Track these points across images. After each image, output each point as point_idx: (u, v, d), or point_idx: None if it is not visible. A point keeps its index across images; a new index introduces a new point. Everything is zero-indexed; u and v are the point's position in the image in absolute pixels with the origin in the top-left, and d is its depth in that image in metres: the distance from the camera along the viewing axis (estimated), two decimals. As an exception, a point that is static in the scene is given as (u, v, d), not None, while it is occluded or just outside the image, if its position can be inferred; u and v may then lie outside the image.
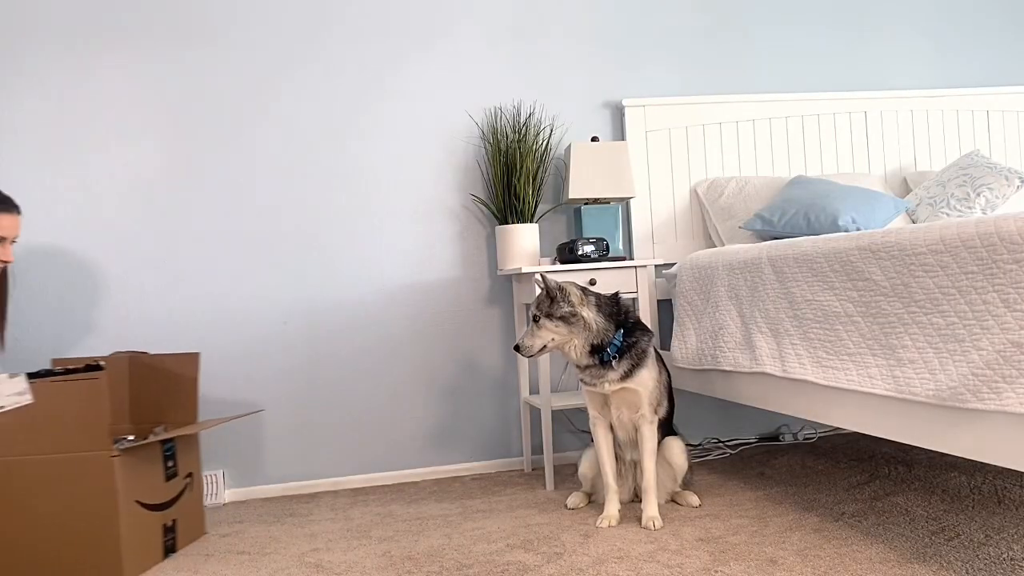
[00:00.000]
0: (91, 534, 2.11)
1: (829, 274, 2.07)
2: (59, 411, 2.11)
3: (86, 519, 2.11)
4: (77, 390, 2.11)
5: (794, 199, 3.04)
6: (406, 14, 3.22)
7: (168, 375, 2.54)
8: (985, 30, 3.73)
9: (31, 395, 2.11)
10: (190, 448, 2.50)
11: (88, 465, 2.11)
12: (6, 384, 2.11)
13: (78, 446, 2.11)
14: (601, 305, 2.37)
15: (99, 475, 2.11)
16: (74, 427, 2.11)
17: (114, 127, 2.99)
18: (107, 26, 3.00)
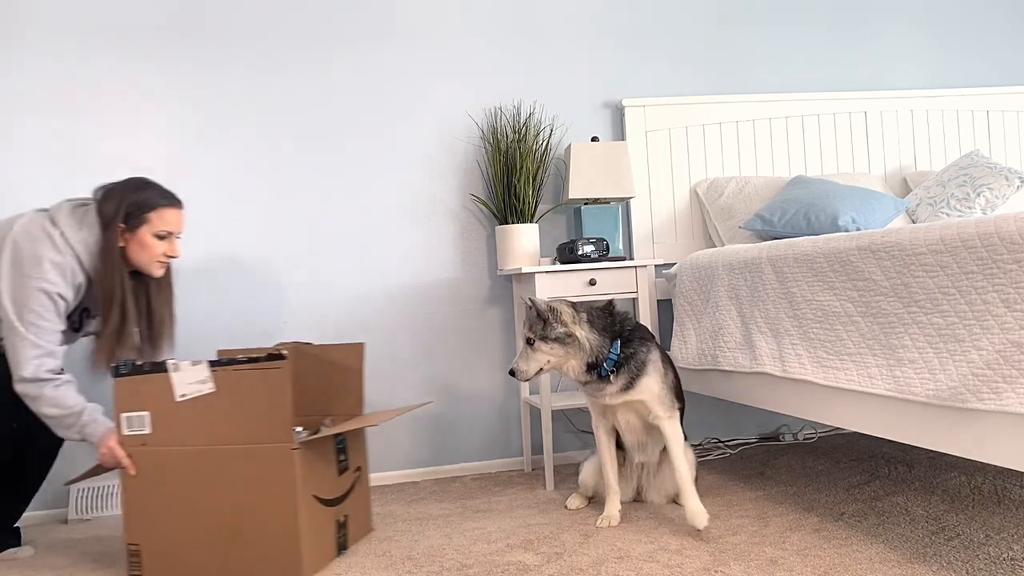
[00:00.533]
0: (270, 528, 2.04)
1: (829, 274, 2.07)
2: (241, 401, 2.06)
3: (266, 513, 2.05)
4: (261, 379, 2.05)
5: (794, 199, 3.04)
6: (406, 14, 3.22)
7: (333, 366, 2.47)
8: (985, 30, 3.73)
9: (213, 383, 2.07)
10: (358, 441, 2.40)
11: (269, 457, 2.04)
12: (188, 372, 2.08)
13: (259, 437, 2.05)
14: (594, 320, 2.28)
15: (280, 468, 2.04)
16: (256, 417, 2.05)
17: (110, 124, 2.99)
18: (106, 23, 3.00)
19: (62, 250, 2.18)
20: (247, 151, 3.08)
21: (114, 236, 2.22)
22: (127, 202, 2.24)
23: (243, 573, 2.07)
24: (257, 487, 2.06)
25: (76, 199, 2.32)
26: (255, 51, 3.10)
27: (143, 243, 2.26)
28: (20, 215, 2.25)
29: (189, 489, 2.10)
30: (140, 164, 3.00)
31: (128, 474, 2.12)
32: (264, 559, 2.06)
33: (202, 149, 3.05)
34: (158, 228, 2.26)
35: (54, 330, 2.17)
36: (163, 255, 2.29)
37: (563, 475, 3.04)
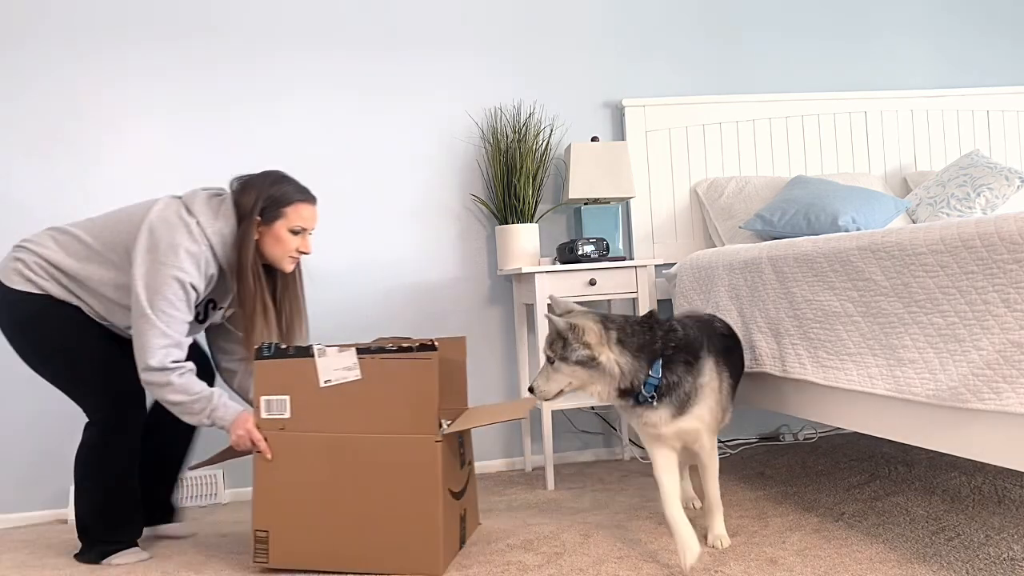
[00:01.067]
0: (409, 520, 2.01)
1: (829, 274, 2.07)
2: (387, 390, 2.03)
3: (405, 504, 2.02)
4: (410, 369, 2.02)
5: (794, 199, 3.04)
6: (407, 15, 3.22)
7: (441, 360, 2.47)
8: (985, 30, 3.73)
9: (360, 371, 2.05)
10: (467, 436, 2.34)
11: (413, 448, 2.02)
12: (334, 358, 2.06)
13: (403, 427, 2.03)
14: (627, 339, 1.91)
15: (423, 459, 2.01)
16: (401, 407, 2.03)
17: (108, 119, 2.99)
18: (108, 21, 3.00)
19: (198, 239, 2.15)
20: (245, 151, 3.08)
21: (250, 228, 2.20)
22: (264, 195, 2.22)
23: (377, 563, 2.04)
24: (398, 478, 2.03)
25: (210, 188, 2.30)
26: (255, 52, 3.10)
27: (278, 237, 2.23)
28: (155, 200, 2.23)
29: (326, 476, 2.06)
30: (136, 169, 3.00)
31: (262, 459, 2.09)
32: (401, 551, 2.03)
33: (200, 149, 3.05)
34: (293, 223, 2.24)
35: (183, 320, 2.14)
36: (295, 250, 2.27)
37: (563, 475, 3.04)
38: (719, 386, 2.05)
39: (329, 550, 2.07)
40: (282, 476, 2.09)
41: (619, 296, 2.93)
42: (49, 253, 2.21)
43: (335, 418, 2.06)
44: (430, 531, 2.02)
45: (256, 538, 2.10)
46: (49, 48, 2.96)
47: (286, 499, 2.08)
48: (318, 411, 2.07)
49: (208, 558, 2.28)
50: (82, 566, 2.29)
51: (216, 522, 2.70)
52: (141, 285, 2.10)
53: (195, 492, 2.94)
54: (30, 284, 2.20)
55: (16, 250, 2.26)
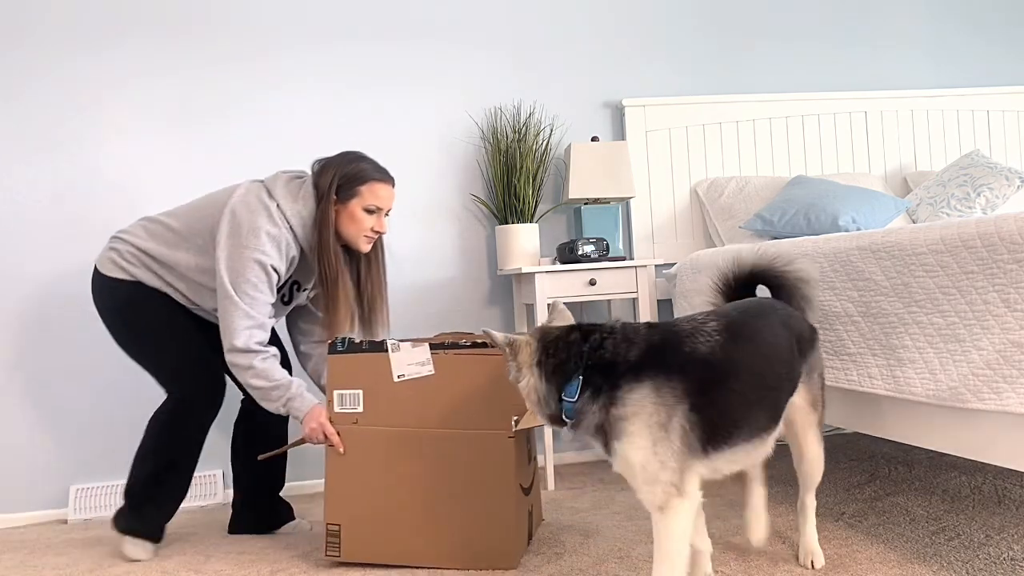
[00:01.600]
0: (483, 515, 2.02)
1: (829, 274, 2.07)
2: (460, 385, 2.03)
3: (479, 499, 2.02)
4: (482, 364, 2.03)
5: (794, 199, 3.04)
6: (407, 14, 3.22)
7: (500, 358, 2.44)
8: (985, 30, 3.73)
9: (432, 366, 2.06)
10: (532, 432, 2.31)
11: (486, 443, 2.02)
12: (408, 353, 2.07)
13: (476, 423, 2.03)
14: (545, 360, 1.60)
15: (497, 455, 2.01)
16: (475, 403, 2.03)
17: (105, 119, 2.99)
18: (107, 19, 3.00)
19: (278, 222, 2.19)
20: (243, 150, 3.08)
21: (328, 208, 2.22)
22: (340, 174, 2.24)
23: (449, 558, 2.04)
24: (472, 473, 2.03)
25: (291, 171, 2.33)
26: (255, 50, 3.09)
27: (353, 216, 2.24)
28: (237, 185, 2.28)
29: (398, 471, 2.07)
30: (134, 168, 3.00)
31: (334, 453, 2.10)
32: (473, 546, 2.03)
33: (198, 149, 3.05)
34: (368, 202, 2.25)
35: (266, 302, 2.18)
36: (371, 230, 2.27)
37: (563, 475, 3.04)
38: (666, 421, 1.50)
39: (401, 545, 2.07)
40: (355, 470, 2.09)
41: (619, 296, 2.93)
42: (140, 241, 2.29)
43: (408, 413, 2.07)
44: (504, 526, 2.02)
45: (328, 531, 2.11)
46: (50, 45, 2.96)
47: (358, 493, 2.09)
48: (391, 405, 2.08)
49: (208, 558, 2.28)
50: (81, 565, 2.28)
51: (216, 522, 2.70)
52: (225, 268, 2.15)
53: (195, 492, 2.94)
54: (122, 271, 2.29)
55: (112, 241, 2.35)
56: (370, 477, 2.08)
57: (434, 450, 2.05)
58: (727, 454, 1.57)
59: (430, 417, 2.06)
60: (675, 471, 1.52)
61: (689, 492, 1.54)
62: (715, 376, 1.55)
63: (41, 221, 2.94)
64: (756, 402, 1.59)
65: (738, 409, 1.57)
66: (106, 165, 2.98)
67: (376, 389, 2.09)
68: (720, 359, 1.56)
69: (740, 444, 1.58)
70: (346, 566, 2.12)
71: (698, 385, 1.53)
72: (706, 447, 1.54)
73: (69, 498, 2.88)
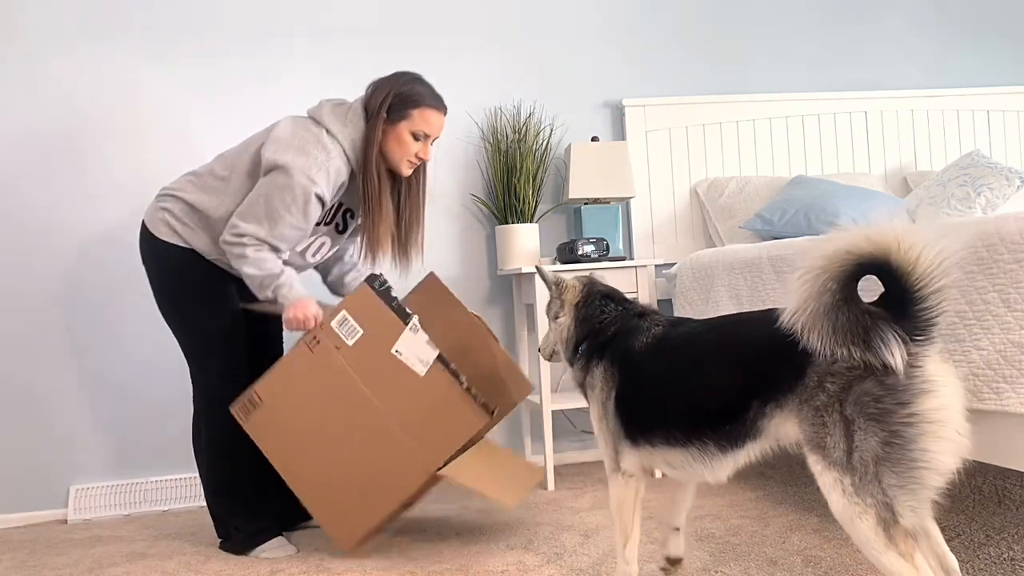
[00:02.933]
0: (369, 496, 2.16)
1: (829, 274, 2.07)
2: (430, 405, 2.11)
3: (377, 484, 2.15)
4: (457, 411, 2.11)
5: (794, 199, 3.04)
6: (407, 14, 3.22)
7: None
8: (985, 30, 3.73)
9: (425, 370, 2.11)
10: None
11: (410, 460, 2.12)
12: (419, 343, 2.12)
13: (415, 440, 2.11)
14: (587, 306, 1.83)
15: (409, 472, 2.12)
16: (427, 427, 2.10)
17: (108, 122, 2.99)
18: (106, 20, 3.00)
19: (329, 147, 2.15)
20: (247, 151, 3.08)
21: (376, 127, 2.18)
22: (394, 92, 2.21)
23: (318, 505, 2.19)
24: (377, 468, 2.12)
25: (334, 99, 2.30)
26: (255, 49, 3.09)
27: (399, 138, 2.20)
28: (277, 121, 2.25)
29: (331, 413, 2.14)
30: (138, 170, 3.00)
31: (295, 360, 2.15)
32: (343, 507, 2.16)
33: (198, 145, 3.05)
34: (417, 126, 2.20)
35: (292, 224, 2.14)
36: (415, 155, 2.23)
37: (563, 475, 3.04)
38: (605, 401, 1.72)
39: (295, 465, 2.17)
40: (300, 386, 2.14)
41: (619, 296, 2.93)
42: (190, 196, 2.24)
43: (377, 378, 2.11)
44: (370, 516, 2.15)
45: (248, 399, 2.17)
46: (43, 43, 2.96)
47: (292, 400, 2.15)
48: (370, 364, 2.12)
49: (208, 558, 2.29)
50: (81, 565, 2.28)
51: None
52: (261, 191, 2.13)
53: (195, 492, 2.94)
54: (176, 236, 2.25)
55: (160, 199, 2.29)
56: (309, 396, 2.14)
57: (367, 422, 2.12)
58: (656, 452, 1.64)
59: (387, 398, 2.11)
60: (611, 447, 1.72)
61: (625, 469, 1.71)
62: (637, 374, 1.67)
63: (39, 220, 2.94)
64: (680, 412, 1.59)
65: (652, 411, 1.64)
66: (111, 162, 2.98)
67: (372, 342, 2.12)
68: (645, 360, 1.66)
69: (664, 447, 1.61)
70: (346, 565, 2.13)
71: (625, 379, 1.68)
72: (634, 437, 1.67)
73: (69, 498, 2.88)
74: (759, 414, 1.46)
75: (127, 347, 2.96)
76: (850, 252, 1.27)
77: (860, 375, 1.30)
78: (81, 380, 2.94)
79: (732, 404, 1.49)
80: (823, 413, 1.36)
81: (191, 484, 2.95)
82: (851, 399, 1.31)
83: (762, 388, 1.45)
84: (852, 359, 1.30)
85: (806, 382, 1.38)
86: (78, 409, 2.94)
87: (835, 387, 1.34)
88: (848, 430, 1.33)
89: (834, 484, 1.35)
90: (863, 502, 1.30)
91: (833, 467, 1.35)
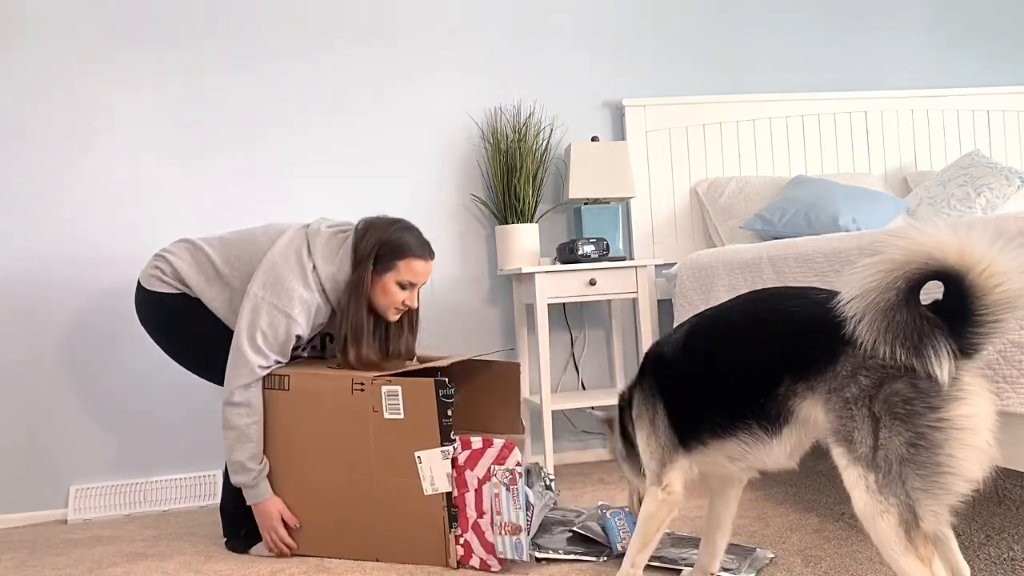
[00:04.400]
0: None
1: (829, 274, 2.07)
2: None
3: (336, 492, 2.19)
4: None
5: (794, 199, 3.04)
6: (406, 15, 3.22)
7: (495, 381, 2.49)
8: (985, 30, 3.73)
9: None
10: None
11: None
12: (439, 462, 2.07)
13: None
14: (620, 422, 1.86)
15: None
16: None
17: (108, 128, 2.99)
18: (106, 23, 3.00)
19: (312, 286, 2.20)
20: (244, 151, 3.08)
21: (365, 276, 2.21)
22: (382, 242, 2.23)
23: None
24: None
25: (335, 224, 2.34)
26: (256, 50, 3.09)
27: (385, 288, 2.24)
28: (283, 231, 2.30)
29: (337, 443, 2.16)
30: (135, 173, 3.00)
31: (346, 381, 2.15)
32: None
33: (196, 147, 3.05)
34: (403, 277, 2.24)
35: (275, 360, 2.20)
36: (401, 303, 2.27)
37: (563, 475, 3.04)
38: (651, 418, 1.69)
39: (282, 456, 2.23)
40: (324, 401, 2.17)
41: (619, 296, 2.93)
42: (183, 266, 2.31)
43: (389, 456, 2.11)
44: (318, 544, 2.21)
45: (281, 377, 2.20)
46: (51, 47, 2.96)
47: (307, 409, 2.19)
48: (393, 442, 2.10)
49: (208, 558, 2.28)
50: (81, 565, 2.28)
51: (216, 522, 2.70)
52: (248, 314, 2.17)
53: (195, 492, 2.94)
54: (166, 286, 2.31)
55: (156, 259, 2.37)
56: (325, 414, 2.16)
57: (359, 476, 2.14)
58: (710, 449, 1.61)
59: (388, 476, 2.11)
60: (658, 460, 1.68)
61: (667, 483, 1.67)
62: (673, 374, 1.64)
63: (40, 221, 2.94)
64: (718, 394, 1.56)
65: (694, 405, 1.60)
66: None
67: (404, 431, 2.09)
68: (677, 357, 1.65)
69: (714, 440, 1.58)
70: (346, 565, 2.12)
71: (664, 387, 1.66)
72: (686, 441, 1.63)
73: (69, 498, 2.88)
74: (791, 392, 1.43)
75: (128, 347, 2.96)
76: (933, 258, 1.23)
77: (894, 373, 1.29)
78: (81, 380, 2.94)
79: (764, 377, 1.46)
80: (852, 406, 1.34)
81: (191, 484, 2.95)
82: (881, 396, 1.30)
83: (793, 362, 1.43)
84: (894, 359, 1.28)
85: (838, 370, 1.36)
86: (78, 409, 2.94)
87: (868, 381, 1.32)
88: (875, 427, 1.31)
89: (858, 480, 1.33)
90: (886, 501, 1.29)
91: (858, 462, 1.33)
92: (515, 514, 1.99)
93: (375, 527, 2.13)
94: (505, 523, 1.99)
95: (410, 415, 2.08)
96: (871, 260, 1.29)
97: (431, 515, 2.07)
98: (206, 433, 2.99)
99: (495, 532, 2.00)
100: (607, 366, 3.34)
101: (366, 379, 2.12)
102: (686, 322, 1.68)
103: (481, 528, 2.03)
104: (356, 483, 2.14)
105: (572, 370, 3.31)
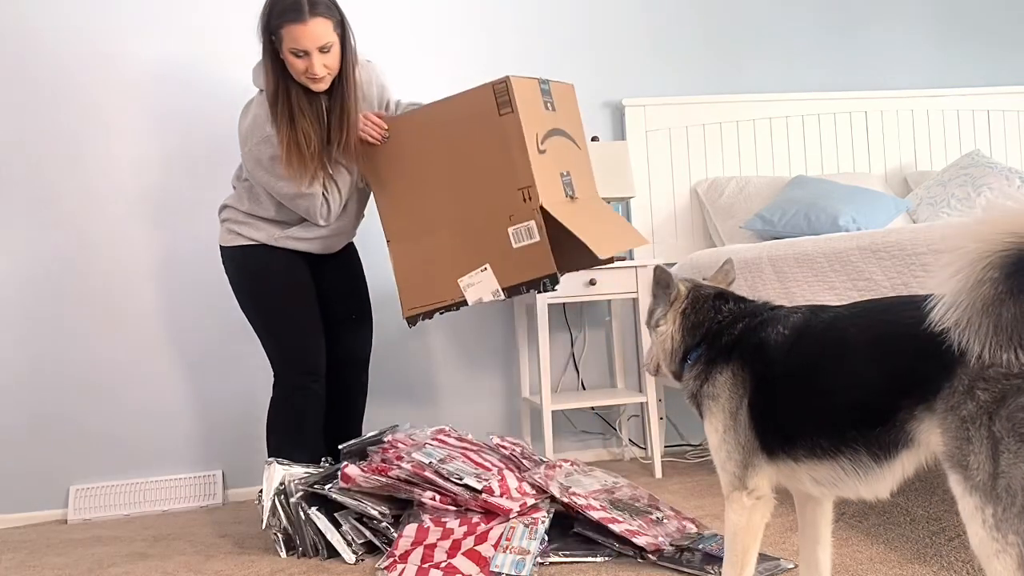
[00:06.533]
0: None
1: (829, 274, 2.07)
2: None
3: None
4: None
5: (794, 199, 3.04)
6: (406, 15, 3.22)
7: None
8: (985, 30, 3.73)
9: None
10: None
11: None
12: (487, 282, 2.22)
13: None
14: (693, 310, 1.57)
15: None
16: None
17: (105, 130, 2.99)
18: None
19: (262, 107, 2.25)
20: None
21: (266, 60, 2.22)
22: (262, 26, 2.21)
23: None
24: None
25: None
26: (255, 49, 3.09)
27: (289, 62, 2.19)
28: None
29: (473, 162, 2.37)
30: (141, 175, 3.00)
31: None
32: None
33: (204, 147, 3.05)
34: (290, 46, 2.16)
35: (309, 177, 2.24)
36: (304, 72, 2.19)
37: (563, 475, 3.04)
38: (735, 411, 1.45)
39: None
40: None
41: (619, 296, 2.93)
42: (237, 202, 2.38)
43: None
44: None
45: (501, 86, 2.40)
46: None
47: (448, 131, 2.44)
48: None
49: (208, 558, 2.28)
50: (81, 565, 2.28)
51: (216, 522, 2.70)
52: (263, 180, 2.26)
53: (195, 492, 2.94)
54: (241, 237, 2.36)
55: (221, 212, 2.43)
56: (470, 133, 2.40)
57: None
58: (799, 467, 1.40)
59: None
60: (738, 463, 1.45)
61: (754, 488, 1.45)
62: (774, 373, 1.41)
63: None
64: (825, 414, 1.35)
65: (793, 416, 1.39)
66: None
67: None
68: (783, 355, 1.40)
69: (809, 460, 1.38)
70: (346, 565, 2.12)
71: (760, 380, 1.42)
72: (772, 449, 1.42)
73: (69, 498, 2.88)
74: (910, 416, 1.24)
75: (128, 347, 2.96)
76: (1017, 234, 1.03)
77: (1019, 386, 1.09)
78: (81, 380, 2.94)
79: (880, 403, 1.27)
80: (968, 425, 1.15)
81: (191, 484, 2.95)
82: (1004, 413, 1.10)
83: (913, 385, 1.23)
84: (1020, 364, 1.08)
85: (955, 385, 1.16)
86: (78, 409, 2.94)
87: (986, 396, 1.12)
88: (995, 450, 1.12)
89: (974, 512, 1.17)
90: (1004, 539, 1.11)
91: (975, 491, 1.16)
92: (527, 543, 1.97)
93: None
94: (514, 547, 1.97)
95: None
96: (947, 256, 1.10)
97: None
98: (206, 433, 2.99)
99: (497, 550, 1.97)
100: (607, 366, 3.34)
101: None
102: (797, 315, 1.44)
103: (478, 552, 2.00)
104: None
105: (572, 370, 3.30)
